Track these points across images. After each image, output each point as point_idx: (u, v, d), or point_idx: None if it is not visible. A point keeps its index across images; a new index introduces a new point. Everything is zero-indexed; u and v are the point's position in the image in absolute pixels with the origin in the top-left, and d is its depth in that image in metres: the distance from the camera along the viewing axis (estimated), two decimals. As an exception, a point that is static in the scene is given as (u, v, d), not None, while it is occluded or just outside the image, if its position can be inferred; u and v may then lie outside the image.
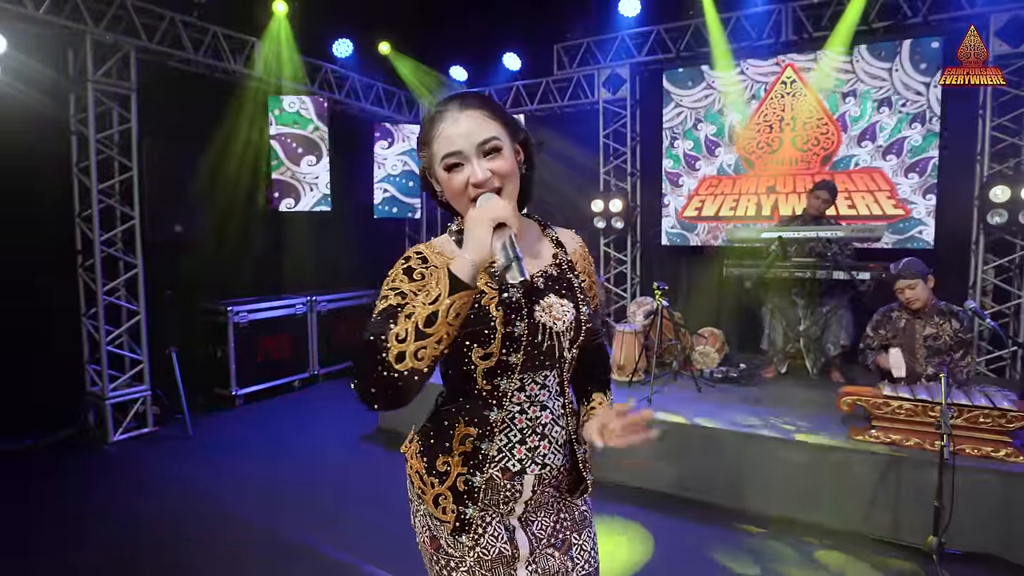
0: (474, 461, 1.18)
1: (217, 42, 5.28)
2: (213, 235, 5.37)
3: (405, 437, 1.38)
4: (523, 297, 1.19)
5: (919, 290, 3.41)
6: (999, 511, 2.90)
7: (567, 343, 1.22)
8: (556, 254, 1.30)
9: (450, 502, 1.19)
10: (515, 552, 1.22)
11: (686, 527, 3.27)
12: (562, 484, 1.29)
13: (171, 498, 3.64)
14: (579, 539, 1.31)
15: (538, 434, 1.21)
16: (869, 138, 5.38)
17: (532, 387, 1.21)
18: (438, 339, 1.00)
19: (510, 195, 1.17)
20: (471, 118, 1.14)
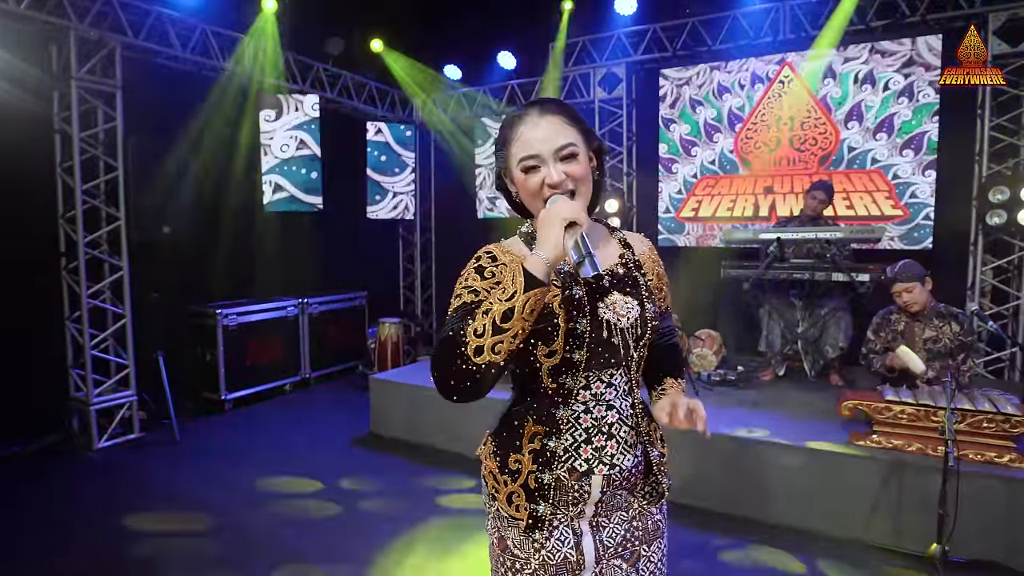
0: (543, 459, 1.21)
1: (206, 39, 5.18)
2: (201, 236, 5.26)
3: (394, 442, 1.38)
4: (586, 295, 1.21)
5: (916, 293, 3.35)
6: (1003, 518, 2.84)
7: (632, 340, 1.23)
8: (623, 254, 1.32)
9: (523, 500, 1.21)
10: (580, 559, 1.23)
11: (683, 535, 3.19)
12: (636, 488, 1.29)
13: (157, 505, 3.54)
14: (648, 551, 1.30)
15: (604, 433, 1.22)
16: (856, 118, 5.32)
17: (598, 385, 1.22)
18: (514, 334, 1.05)
19: (583, 198, 1.21)
20: (551, 123, 1.19)
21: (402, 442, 4.53)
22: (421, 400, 4.50)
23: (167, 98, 4.99)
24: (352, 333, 6.74)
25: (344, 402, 5.66)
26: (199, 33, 5.10)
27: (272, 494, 3.70)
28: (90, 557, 2.98)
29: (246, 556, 3.00)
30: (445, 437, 4.37)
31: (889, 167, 5.24)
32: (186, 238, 4.98)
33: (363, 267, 7.12)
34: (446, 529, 3.27)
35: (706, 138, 6.01)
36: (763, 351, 4.83)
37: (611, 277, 1.27)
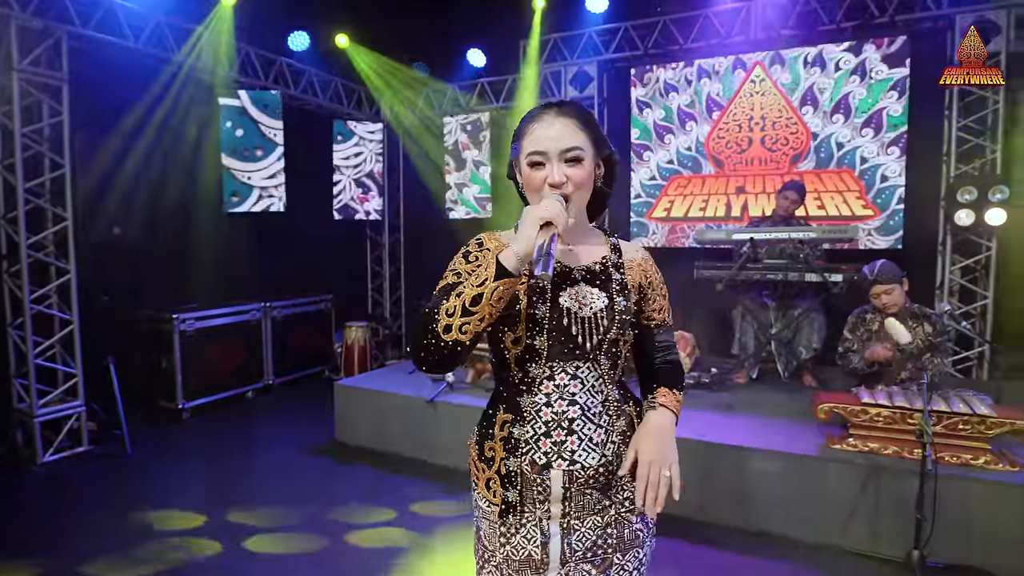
0: (509, 446, 1.24)
1: (160, 30, 4.94)
2: (157, 237, 5.03)
3: (358, 449, 1.31)
4: (551, 283, 1.25)
5: (896, 295, 3.32)
6: (980, 521, 2.81)
7: (594, 331, 1.24)
8: (607, 256, 1.34)
9: (499, 485, 1.25)
10: (544, 559, 1.24)
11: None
12: (612, 492, 1.27)
13: (104, 521, 3.32)
14: (622, 559, 1.27)
15: (564, 428, 1.23)
16: (843, 112, 5.32)
17: (563, 376, 1.24)
18: (480, 317, 1.12)
19: (578, 202, 1.25)
20: (564, 125, 1.23)
21: (368, 451, 4.36)
22: (388, 407, 4.34)
23: (118, 92, 4.74)
24: (318, 337, 6.53)
25: (308, 409, 5.45)
26: (153, 24, 4.86)
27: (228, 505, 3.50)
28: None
29: (198, 570, 2.82)
30: (413, 445, 4.22)
31: (854, 150, 5.26)
32: (139, 239, 4.76)
33: (329, 269, 6.91)
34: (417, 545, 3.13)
35: (679, 124, 5.93)
36: (736, 353, 4.78)
37: (585, 272, 1.29)
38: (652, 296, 1.36)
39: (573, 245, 1.32)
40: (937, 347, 3.28)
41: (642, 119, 6.10)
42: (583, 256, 1.32)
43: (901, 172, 5.14)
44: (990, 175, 4.70)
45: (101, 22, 4.51)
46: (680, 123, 5.92)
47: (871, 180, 5.22)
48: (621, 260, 1.35)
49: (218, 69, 5.38)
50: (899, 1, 4.95)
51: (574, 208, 1.23)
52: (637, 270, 1.35)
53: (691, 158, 5.89)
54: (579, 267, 1.30)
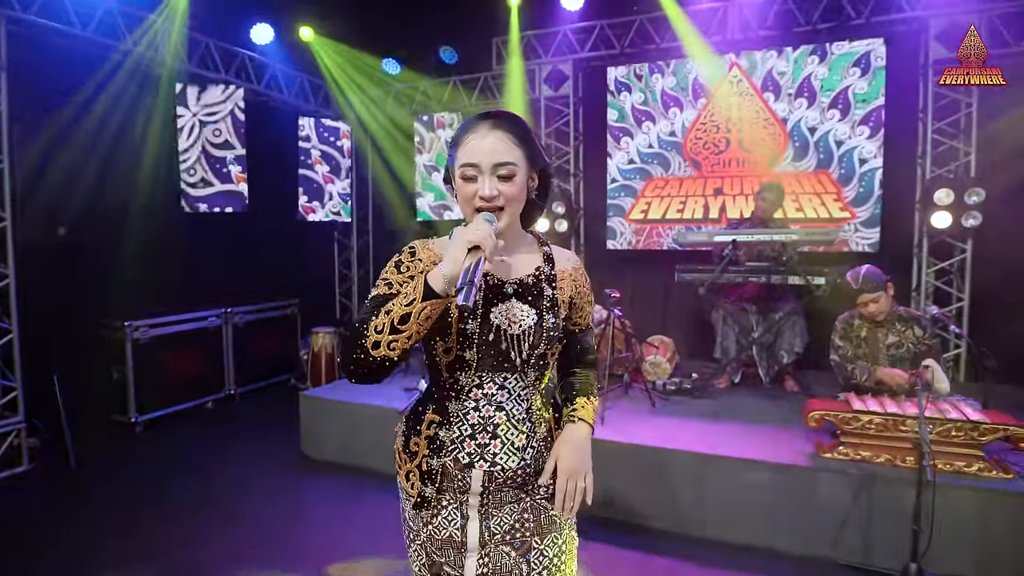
0: (434, 446, 1.30)
1: (111, 17, 4.61)
2: (107, 239, 4.69)
3: (324, 463, 1.31)
4: (483, 299, 1.28)
5: (882, 302, 3.25)
6: (974, 530, 2.75)
7: (525, 347, 1.29)
8: (540, 267, 1.36)
9: (417, 479, 1.31)
10: (464, 539, 1.30)
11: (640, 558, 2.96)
12: (530, 487, 1.32)
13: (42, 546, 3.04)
14: (540, 543, 1.32)
15: (488, 432, 1.28)
16: (807, 96, 5.28)
17: (490, 386, 1.29)
18: (408, 335, 1.16)
19: (510, 215, 1.28)
20: (497, 139, 1.24)
21: (335, 465, 4.12)
22: (358, 419, 4.12)
23: (65, 82, 4.41)
24: (283, 344, 6.23)
25: (272, 420, 5.17)
26: (103, 11, 4.53)
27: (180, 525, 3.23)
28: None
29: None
30: (385, 459, 3.98)
31: (826, 135, 5.23)
32: (88, 241, 4.41)
33: (295, 273, 6.62)
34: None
35: (662, 108, 5.80)
36: (719, 358, 4.68)
37: (517, 286, 1.32)
38: (580, 304, 1.42)
39: (506, 256, 1.33)
40: (929, 352, 3.21)
41: (619, 101, 5.96)
42: (516, 268, 1.35)
43: (877, 153, 5.10)
44: (965, 177, 4.70)
45: (44, 7, 4.19)
46: (663, 108, 5.80)
47: (849, 167, 5.16)
48: (553, 272, 1.37)
49: (173, 60, 5.07)
50: (875, 3, 4.94)
51: (505, 221, 1.26)
52: (568, 282, 1.39)
53: (672, 143, 5.78)
54: (511, 280, 1.33)
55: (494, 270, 1.32)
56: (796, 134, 5.32)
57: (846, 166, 5.19)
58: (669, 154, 5.79)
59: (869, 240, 5.14)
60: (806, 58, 5.23)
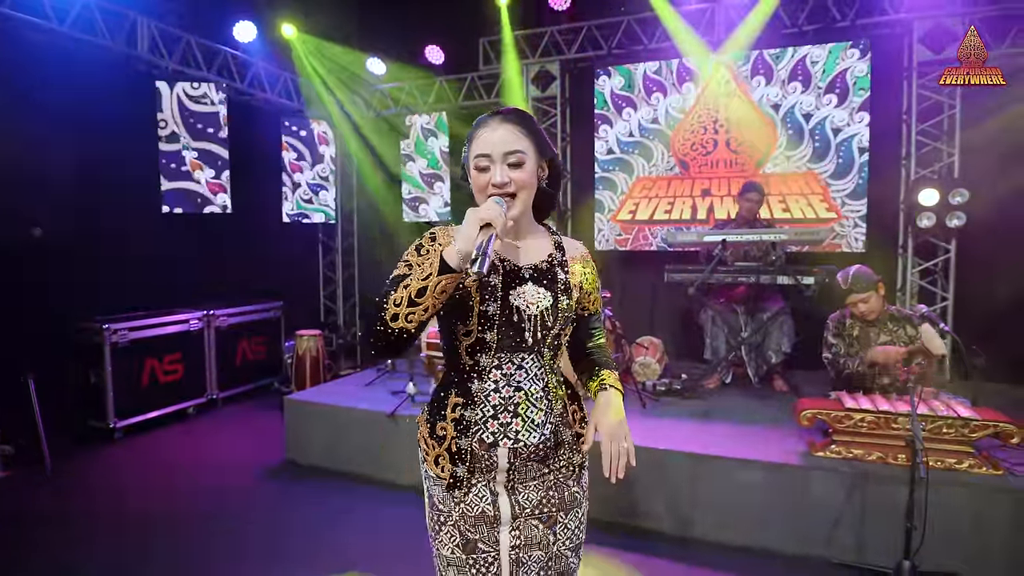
0: (461, 427, 1.37)
1: (89, 13, 4.51)
2: (85, 240, 4.56)
3: (311, 469, 1.72)
4: (502, 282, 1.36)
5: (873, 302, 3.26)
6: (965, 526, 2.75)
7: (540, 328, 1.37)
8: (552, 254, 1.45)
9: (447, 462, 1.38)
10: (497, 514, 1.38)
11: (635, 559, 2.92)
12: (551, 462, 1.40)
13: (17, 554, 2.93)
14: (564, 519, 1.43)
15: (510, 412, 1.35)
16: (801, 79, 5.28)
17: (509, 367, 1.37)
18: (425, 308, 1.24)
19: (522, 202, 1.37)
20: (507, 131, 1.35)
21: (321, 470, 4.04)
22: (345, 423, 4.04)
23: (42, 79, 4.29)
24: (266, 347, 6.12)
25: (256, 425, 5.07)
26: (81, 5, 4.43)
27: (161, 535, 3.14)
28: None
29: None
30: (375, 464, 3.92)
31: (823, 120, 5.23)
32: (64, 241, 4.28)
33: (279, 275, 6.51)
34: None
35: (644, 94, 5.79)
36: (709, 358, 4.67)
37: (533, 271, 1.41)
38: (588, 290, 1.50)
39: (521, 243, 1.43)
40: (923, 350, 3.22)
41: (600, 88, 5.95)
42: (531, 254, 1.44)
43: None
44: (949, 178, 4.76)
45: (19, 1, 4.08)
46: (646, 93, 5.79)
47: (847, 156, 5.14)
48: (565, 258, 1.46)
49: (157, 58, 4.97)
50: (860, 5, 4.98)
51: (518, 207, 1.36)
52: (578, 268, 1.48)
53: (654, 131, 5.78)
54: (527, 265, 1.41)
55: (510, 257, 1.40)
56: (790, 121, 5.30)
57: (844, 155, 5.17)
58: (652, 143, 5.78)
59: (860, 239, 5.17)
60: (842, 51, 5.17)
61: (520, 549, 1.39)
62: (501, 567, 1.39)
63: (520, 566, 1.39)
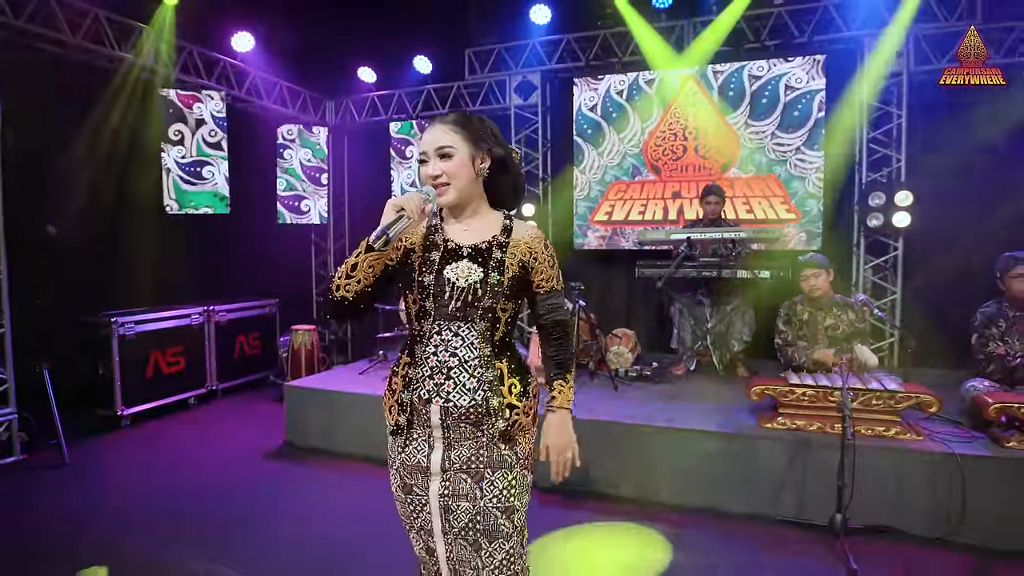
0: (406, 382, 1.59)
1: (99, 26, 4.81)
2: (94, 238, 4.85)
3: (309, 450, 2.10)
4: (440, 259, 1.58)
5: (821, 279, 3.67)
6: (891, 485, 3.12)
7: (471, 299, 1.54)
8: (495, 236, 1.62)
9: (396, 412, 1.60)
10: (428, 465, 1.56)
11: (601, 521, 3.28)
12: (485, 427, 1.56)
13: (38, 534, 3.20)
14: (491, 476, 1.56)
15: (443, 374, 1.54)
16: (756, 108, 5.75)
17: (447, 334, 1.56)
18: (358, 280, 1.50)
19: (456, 190, 1.57)
20: (439, 128, 1.56)
21: (321, 451, 4.36)
22: (340, 406, 4.36)
23: (55, 88, 4.58)
24: (262, 342, 6.42)
25: (254, 414, 5.38)
26: (91, 18, 4.73)
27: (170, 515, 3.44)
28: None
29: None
30: (368, 443, 4.24)
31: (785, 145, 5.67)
32: (76, 240, 4.57)
33: (273, 273, 6.81)
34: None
35: (612, 104, 6.19)
36: (675, 347, 5.06)
37: (472, 249, 1.59)
38: (539, 268, 1.63)
39: (467, 226, 1.63)
40: (861, 333, 3.63)
41: (587, 114, 6.35)
42: (474, 236, 1.61)
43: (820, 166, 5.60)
44: (896, 181, 5.19)
45: (34, 14, 4.37)
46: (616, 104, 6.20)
47: (797, 188, 5.63)
48: (507, 240, 1.61)
49: (160, 68, 5.28)
50: (816, 23, 5.41)
51: (452, 194, 1.56)
52: (523, 248, 1.61)
53: (633, 155, 6.19)
54: (467, 246, 1.59)
55: (455, 237, 1.61)
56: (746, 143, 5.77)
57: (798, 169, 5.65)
58: (636, 161, 6.20)
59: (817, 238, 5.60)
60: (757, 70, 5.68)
61: (448, 498, 1.55)
62: (432, 509, 1.57)
63: (449, 513, 1.56)
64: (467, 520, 1.55)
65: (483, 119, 1.63)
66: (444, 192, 1.56)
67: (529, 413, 1.62)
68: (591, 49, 6.15)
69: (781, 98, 5.61)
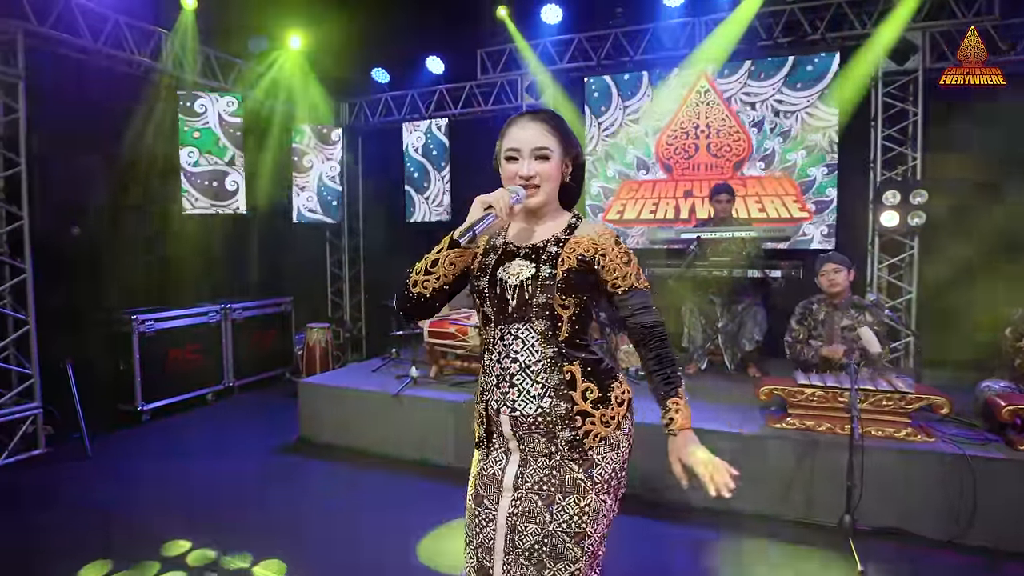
0: (481, 393, 1.55)
1: (119, 31, 4.92)
2: (117, 238, 4.98)
3: (323, 446, 1.95)
4: (495, 260, 1.52)
5: (842, 276, 3.66)
6: (900, 487, 3.11)
7: (525, 296, 1.46)
8: (556, 235, 1.54)
9: (477, 423, 1.58)
10: (502, 479, 1.50)
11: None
12: (555, 438, 1.46)
13: (63, 525, 3.30)
14: (562, 500, 1.44)
15: (507, 382, 1.47)
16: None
17: (508, 338, 1.48)
18: (437, 276, 1.47)
19: (545, 193, 1.51)
20: (535, 128, 1.49)
21: (334, 447, 4.43)
22: (354, 403, 4.43)
23: (79, 92, 4.69)
24: (278, 339, 6.53)
25: (270, 410, 5.47)
26: (112, 24, 4.84)
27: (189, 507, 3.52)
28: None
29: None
30: (380, 440, 4.31)
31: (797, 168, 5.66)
32: (99, 240, 4.68)
33: (289, 272, 6.92)
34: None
35: (623, 103, 6.22)
36: (686, 347, 5.06)
37: (530, 249, 1.52)
38: (609, 266, 1.49)
39: (535, 227, 1.56)
40: (879, 334, 3.61)
41: (596, 120, 6.38)
42: (537, 236, 1.55)
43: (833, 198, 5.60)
44: (911, 180, 5.14)
45: (59, 20, 4.49)
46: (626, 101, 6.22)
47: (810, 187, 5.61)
48: (569, 237, 1.51)
49: (179, 71, 5.39)
50: (829, 20, 5.37)
51: (541, 196, 1.50)
52: (586, 243, 1.49)
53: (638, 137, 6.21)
54: (526, 246, 1.53)
55: (518, 239, 1.55)
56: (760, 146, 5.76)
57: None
58: (634, 148, 6.20)
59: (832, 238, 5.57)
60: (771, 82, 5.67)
61: (516, 517, 1.46)
62: (498, 526, 1.49)
63: (516, 533, 1.46)
64: (533, 542, 1.45)
65: (563, 119, 1.57)
66: (534, 194, 1.50)
67: (611, 423, 1.48)
68: (602, 48, 6.14)
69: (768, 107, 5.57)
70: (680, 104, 5.98)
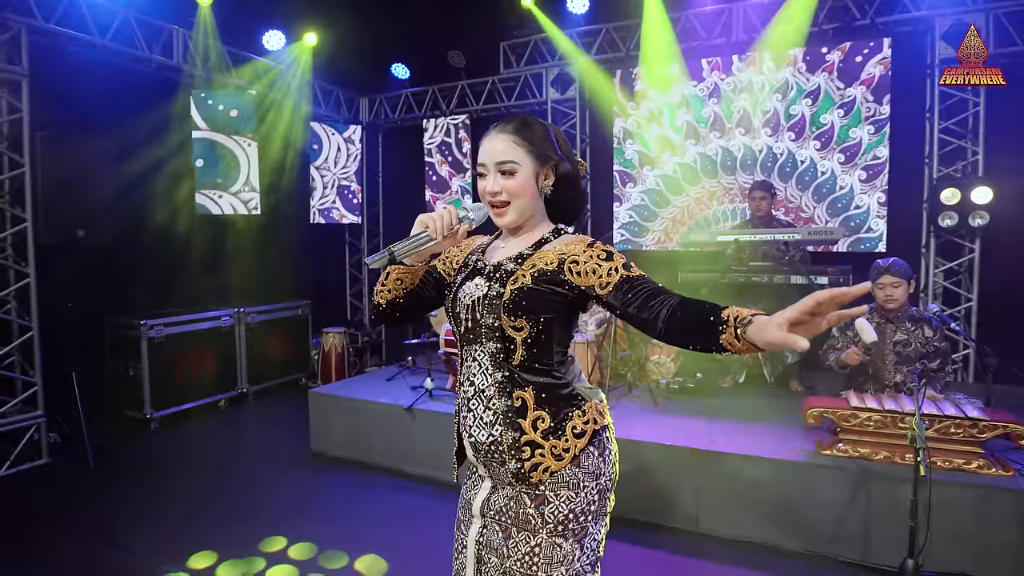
0: (455, 414, 1.48)
1: (129, 27, 4.76)
2: (124, 241, 4.80)
3: (334, 459, 1.85)
4: (463, 279, 1.44)
5: (901, 290, 3.27)
6: (972, 526, 2.74)
7: (478, 316, 1.35)
8: (523, 252, 1.40)
9: (455, 446, 1.51)
10: (471, 507, 1.43)
11: (640, 552, 2.99)
12: (506, 467, 1.34)
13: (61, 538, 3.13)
14: (516, 535, 1.34)
15: (466, 407, 1.40)
16: (820, 139, 5.32)
17: (469, 360, 1.41)
18: (389, 289, 1.47)
19: (517, 209, 1.39)
20: (501, 141, 1.36)
21: (343, 460, 4.20)
22: (365, 415, 4.19)
23: (85, 90, 4.51)
24: (294, 344, 6.34)
25: (284, 418, 5.27)
26: (121, 20, 4.68)
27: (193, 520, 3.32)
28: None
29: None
30: (392, 455, 4.06)
31: (833, 179, 5.27)
32: (105, 243, 4.51)
33: (306, 275, 6.73)
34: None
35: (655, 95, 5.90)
36: (722, 358, 4.70)
37: (492, 268, 1.40)
38: (585, 271, 1.30)
39: (508, 244, 1.46)
40: (943, 353, 3.23)
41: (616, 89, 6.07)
42: (506, 253, 1.43)
43: (883, 216, 5.20)
44: (972, 177, 4.69)
45: (64, 16, 4.33)
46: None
47: (845, 201, 5.23)
48: (532, 253, 1.38)
49: (192, 67, 5.22)
50: (879, 3, 4.94)
51: (512, 214, 1.39)
52: (550, 256, 1.35)
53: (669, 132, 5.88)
54: (491, 264, 1.42)
55: (489, 256, 1.47)
56: (808, 175, 5.39)
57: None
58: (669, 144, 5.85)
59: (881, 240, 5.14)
60: (800, 98, 5.33)
61: (482, 547, 1.40)
62: (468, 555, 1.43)
63: (480, 563, 1.40)
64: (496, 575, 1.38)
65: (548, 126, 1.42)
66: (503, 213, 1.39)
67: (563, 456, 1.30)
68: (631, 39, 5.80)
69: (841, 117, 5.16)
70: (714, 96, 5.61)
